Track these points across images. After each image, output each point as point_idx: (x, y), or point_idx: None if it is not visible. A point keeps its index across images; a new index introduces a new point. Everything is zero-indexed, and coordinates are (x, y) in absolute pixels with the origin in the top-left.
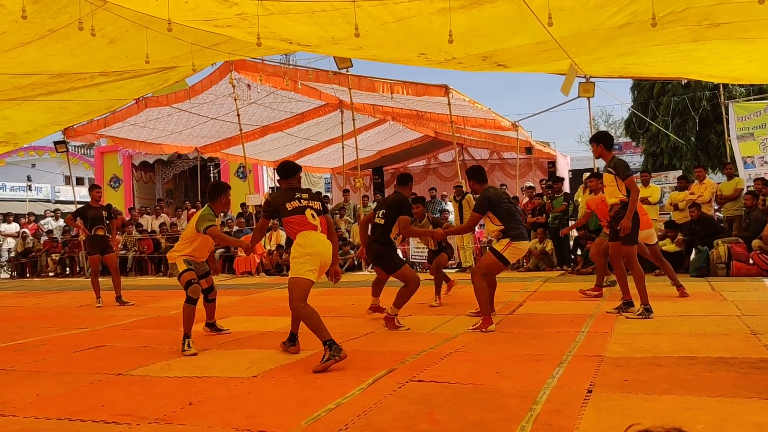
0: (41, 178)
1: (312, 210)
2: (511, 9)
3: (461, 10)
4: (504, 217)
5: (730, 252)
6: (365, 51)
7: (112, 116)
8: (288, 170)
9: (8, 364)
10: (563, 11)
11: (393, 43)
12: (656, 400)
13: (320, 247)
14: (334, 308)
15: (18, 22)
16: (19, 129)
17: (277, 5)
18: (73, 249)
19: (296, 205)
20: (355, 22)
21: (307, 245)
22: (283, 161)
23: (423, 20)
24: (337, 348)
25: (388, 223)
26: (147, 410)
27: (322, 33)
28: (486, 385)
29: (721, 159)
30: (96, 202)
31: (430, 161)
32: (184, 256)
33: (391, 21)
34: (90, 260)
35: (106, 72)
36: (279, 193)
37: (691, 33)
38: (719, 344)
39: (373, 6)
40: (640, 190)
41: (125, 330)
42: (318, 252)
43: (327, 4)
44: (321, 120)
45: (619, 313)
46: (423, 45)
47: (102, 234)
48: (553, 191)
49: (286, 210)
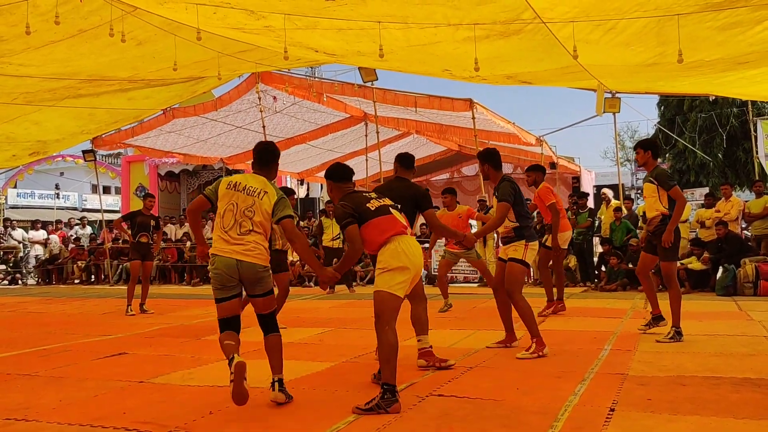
0: (69, 187)
1: (396, 210)
2: (537, 38)
3: (486, 40)
4: (522, 212)
5: (758, 271)
6: (390, 63)
7: (139, 126)
8: (344, 172)
9: (33, 369)
10: (589, 44)
11: (417, 60)
12: (680, 421)
13: (416, 259)
14: (356, 320)
15: (49, 21)
16: (50, 137)
17: (304, 20)
18: (99, 257)
19: (378, 205)
20: (380, 42)
21: (400, 253)
22: (334, 163)
23: (448, 46)
24: (390, 398)
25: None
26: (167, 418)
27: (347, 47)
28: (506, 401)
29: (749, 176)
30: (147, 210)
31: (453, 175)
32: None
33: (417, 44)
34: (131, 265)
35: (134, 79)
36: (349, 195)
37: (719, 68)
38: (745, 365)
39: (398, 29)
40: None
41: (148, 338)
42: (414, 264)
43: (353, 23)
44: (345, 132)
45: (648, 328)
46: (448, 64)
47: (145, 241)
48: (578, 207)
49: (369, 211)
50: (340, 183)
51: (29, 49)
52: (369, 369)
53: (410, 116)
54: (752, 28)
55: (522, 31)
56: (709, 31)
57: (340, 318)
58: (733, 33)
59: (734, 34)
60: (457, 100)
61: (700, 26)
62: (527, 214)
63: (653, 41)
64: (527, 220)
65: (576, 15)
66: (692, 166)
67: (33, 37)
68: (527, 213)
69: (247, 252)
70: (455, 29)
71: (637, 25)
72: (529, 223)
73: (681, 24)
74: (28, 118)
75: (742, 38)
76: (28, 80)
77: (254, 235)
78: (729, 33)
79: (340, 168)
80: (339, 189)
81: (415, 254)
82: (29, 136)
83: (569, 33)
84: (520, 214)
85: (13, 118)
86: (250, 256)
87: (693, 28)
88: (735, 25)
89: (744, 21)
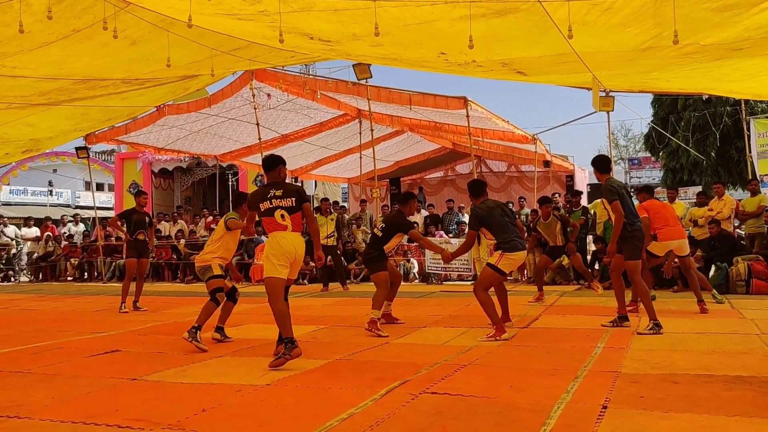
0: (62, 184)
1: (282, 210)
2: (533, 19)
3: (483, 18)
4: (496, 230)
5: (750, 269)
6: (385, 48)
7: (132, 123)
8: (268, 164)
9: (25, 366)
10: (585, 26)
11: (413, 42)
12: (673, 418)
13: (289, 246)
14: (349, 318)
15: (42, 21)
16: (42, 135)
17: (300, 2)
18: (92, 254)
19: (267, 206)
20: (376, 21)
21: (275, 246)
22: (267, 154)
23: (444, 24)
24: (291, 347)
25: (384, 236)
26: (160, 416)
27: (343, 30)
28: (500, 398)
29: (742, 175)
30: (141, 208)
31: (447, 173)
32: (218, 259)
33: (413, 23)
34: (127, 263)
35: (129, 79)
36: (256, 192)
37: (714, 56)
38: (738, 363)
39: (395, 6)
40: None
41: (140, 335)
42: (287, 251)
43: (349, 3)
44: (339, 129)
45: (612, 326)
46: (443, 46)
47: (143, 239)
48: (571, 205)
49: (260, 210)
50: (265, 173)
51: (23, 51)
52: (363, 366)
53: (404, 114)
54: (748, 9)
55: (518, 10)
56: (705, 12)
57: (334, 315)
58: (729, 15)
59: (730, 15)
60: (452, 98)
61: (696, 6)
62: (503, 228)
63: (649, 22)
64: (504, 234)
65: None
66: (685, 164)
67: (26, 39)
68: (503, 228)
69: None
70: (452, 7)
71: (634, 5)
72: (505, 237)
73: (677, 4)
74: (22, 121)
75: (738, 20)
76: (22, 81)
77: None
78: (725, 15)
79: (265, 159)
80: (265, 177)
81: (286, 245)
82: (22, 136)
83: (565, 14)
84: (494, 230)
85: (7, 121)
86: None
87: (690, 8)
88: (731, 7)
89: (741, 3)
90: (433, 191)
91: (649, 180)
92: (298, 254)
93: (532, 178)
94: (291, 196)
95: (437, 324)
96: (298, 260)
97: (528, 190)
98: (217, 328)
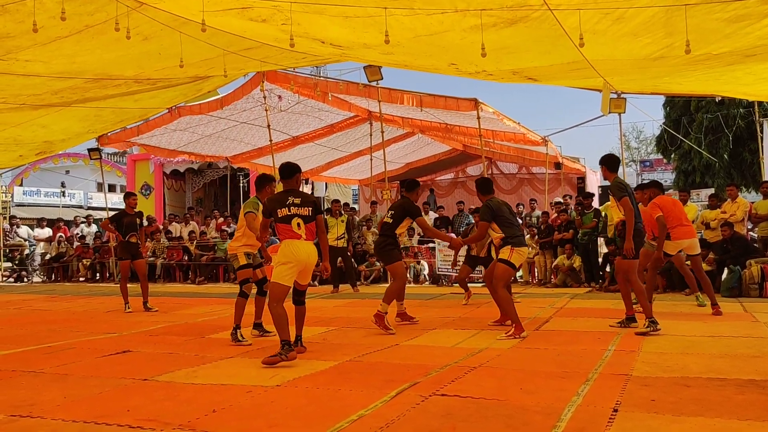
0: (75, 185)
1: (299, 218)
2: (543, 27)
3: (494, 28)
4: (504, 225)
5: (764, 272)
6: (396, 57)
7: (144, 125)
8: (286, 171)
9: (38, 366)
10: (596, 35)
11: (424, 53)
12: (684, 422)
13: (302, 255)
14: (359, 319)
15: (55, 17)
16: (56, 137)
17: (312, 6)
18: (104, 255)
19: (285, 213)
20: (386, 29)
21: (288, 254)
22: (284, 162)
23: (455, 36)
24: (287, 349)
25: (395, 222)
26: (171, 416)
27: (354, 38)
28: (510, 401)
29: (755, 177)
30: (131, 209)
31: (458, 174)
32: (243, 247)
33: (424, 34)
34: (121, 265)
35: (140, 78)
36: (273, 197)
37: (727, 61)
38: (750, 366)
39: (405, 15)
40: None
41: (152, 336)
42: (300, 260)
43: (360, 10)
44: (350, 131)
45: (620, 327)
46: (454, 57)
47: (134, 241)
48: (583, 207)
49: (277, 216)
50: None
51: (36, 45)
52: (373, 368)
53: (415, 115)
54: (759, 20)
55: (529, 19)
56: (717, 23)
57: (344, 317)
58: (741, 26)
59: (742, 26)
60: (462, 99)
61: (708, 17)
62: (510, 225)
63: (661, 32)
64: (511, 229)
65: (583, 2)
66: (698, 166)
67: (40, 33)
68: (510, 224)
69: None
70: (462, 16)
71: (645, 15)
72: (513, 232)
73: (689, 15)
74: (35, 122)
75: (750, 30)
76: (36, 80)
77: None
78: (737, 26)
79: (283, 167)
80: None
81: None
82: (36, 138)
83: (576, 22)
84: (504, 225)
85: (21, 122)
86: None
87: (701, 19)
88: (743, 18)
89: (752, 14)
90: (443, 193)
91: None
92: (310, 262)
93: (543, 180)
94: (308, 205)
95: (447, 326)
96: (310, 267)
97: (539, 192)
98: (255, 325)
